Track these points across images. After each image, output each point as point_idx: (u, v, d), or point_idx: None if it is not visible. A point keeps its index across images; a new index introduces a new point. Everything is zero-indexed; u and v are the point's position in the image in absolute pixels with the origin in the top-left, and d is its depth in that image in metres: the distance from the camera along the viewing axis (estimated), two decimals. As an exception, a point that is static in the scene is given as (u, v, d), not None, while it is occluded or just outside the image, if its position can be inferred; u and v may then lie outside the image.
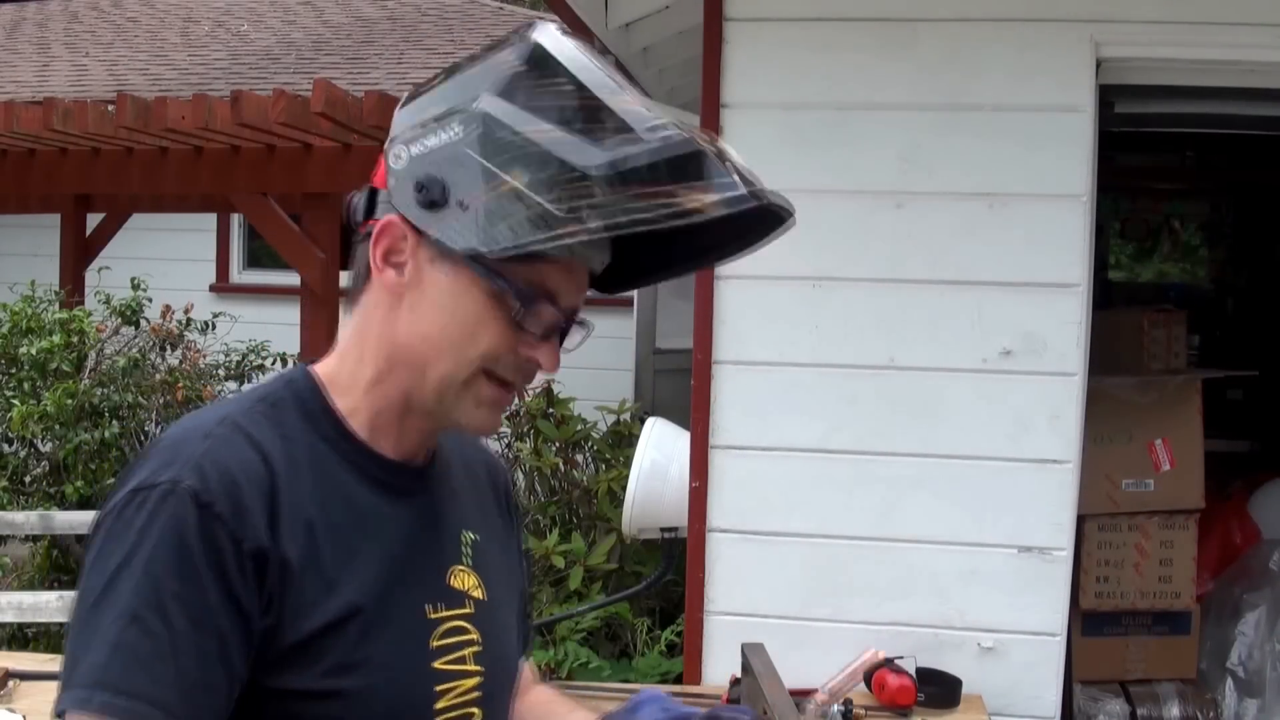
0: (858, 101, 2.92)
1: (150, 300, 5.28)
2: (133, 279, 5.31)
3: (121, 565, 1.02)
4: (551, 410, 4.81)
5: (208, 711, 1.04)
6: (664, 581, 3.77)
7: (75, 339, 4.89)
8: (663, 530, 3.42)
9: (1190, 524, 3.56)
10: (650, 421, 3.51)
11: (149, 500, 1.04)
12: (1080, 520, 3.16)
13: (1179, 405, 3.59)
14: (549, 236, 1.04)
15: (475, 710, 1.21)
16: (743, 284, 2.97)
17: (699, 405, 2.99)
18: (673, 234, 1.10)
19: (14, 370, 4.89)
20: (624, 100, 1.07)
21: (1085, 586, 3.52)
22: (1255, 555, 3.89)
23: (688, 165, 1.04)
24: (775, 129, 2.95)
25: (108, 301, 5.22)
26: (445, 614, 1.20)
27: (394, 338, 1.15)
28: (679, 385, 4.14)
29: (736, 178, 1.05)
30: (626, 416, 4.96)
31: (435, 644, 1.18)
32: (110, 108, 4.70)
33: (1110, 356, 3.58)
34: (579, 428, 4.79)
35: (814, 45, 2.94)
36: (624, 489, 3.49)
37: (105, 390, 4.77)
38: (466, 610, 1.22)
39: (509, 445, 4.91)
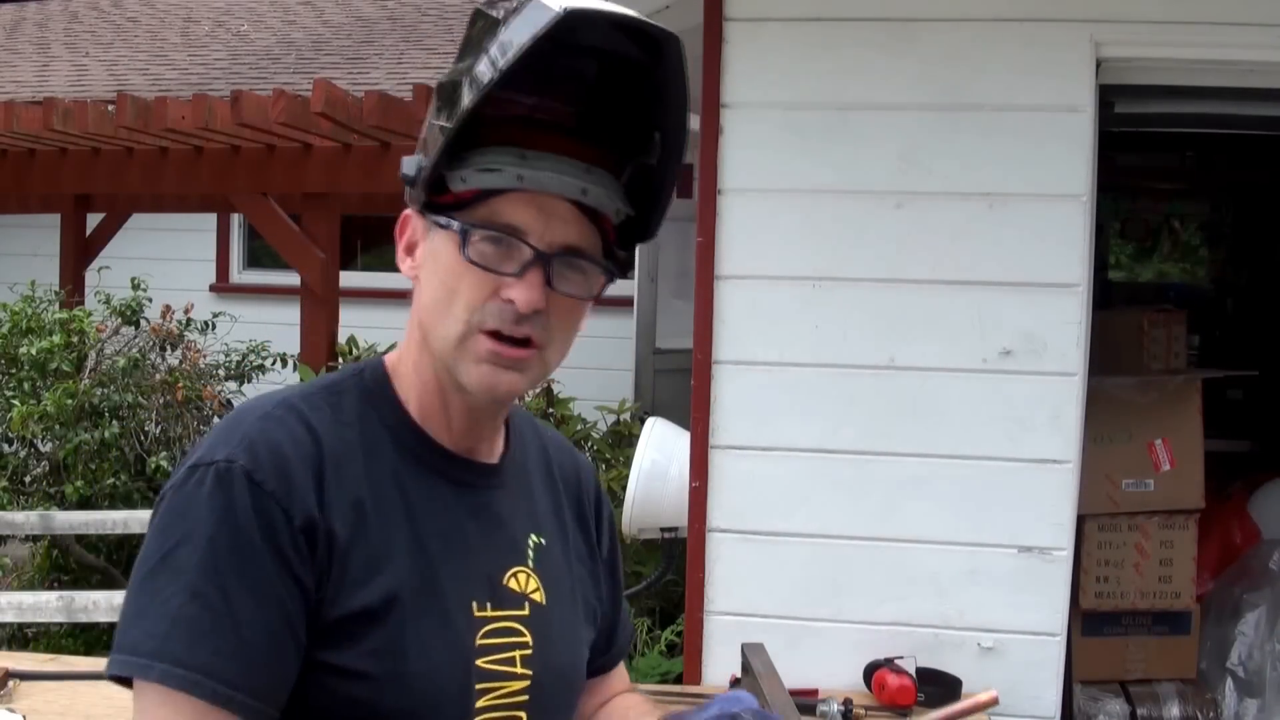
0: (858, 101, 2.92)
1: (150, 300, 5.28)
2: (133, 279, 5.30)
3: (181, 540, 1.05)
4: (551, 410, 4.81)
5: (279, 680, 1.06)
6: (664, 581, 3.77)
7: (75, 339, 4.89)
8: (663, 530, 3.42)
9: (1190, 524, 3.56)
10: (650, 421, 3.51)
11: (206, 477, 1.07)
12: (1080, 520, 3.16)
13: (1179, 405, 3.59)
14: (446, 129, 1.09)
15: (521, 714, 1.20)
16: (743, 284, 2.97)
17: (699, 405, 2.99)
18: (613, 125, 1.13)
19: (14, 370, 4.89)
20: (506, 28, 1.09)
21: (1085, 586, 3.52)
22: (1255, 555, 3.89)
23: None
24: (775, 129, 2.95)
25: (108, 301, 5.22)
26: (496, 613, 1.19)
27: (417, 318, 1.19)
28: (679, 385, 4.14)
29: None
30: (626, 416, 4.96)
31: (480, 642, 1.17)
32: (110, 108, 4.70)
33: (1110, 356, 3.58)
34: (579, 428, 4.79)
35: (814, 45, 2.94)
36: (624, 489, 3.49)
37: (105, 390, 4.77)
38: (522, 612, 1.21)
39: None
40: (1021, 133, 2.85)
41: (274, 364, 5.47)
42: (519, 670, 1.20)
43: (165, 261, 7.17)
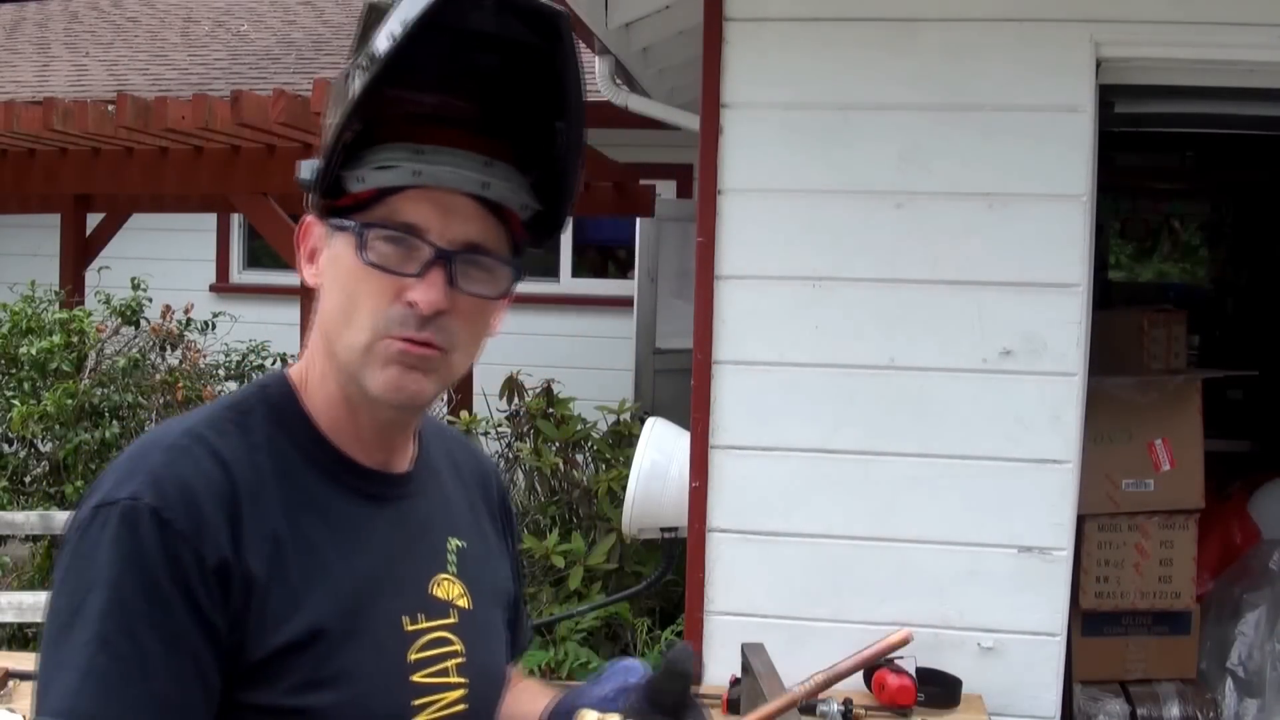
0: (858, 101, 2.92)
1: (150, 300, 5.27)
2: (133, 279, 5.30)
3: (89, 587, 1.00)
4: (551, 410, 4.80)
5: None
6: (664, 581, 3.77)
7: (75, 339, 4.88)
8: (663, 530, 3.42)
9: (1190, 524, 3.56)
10: (650, 421, 3.51)
11: (110, 518, 1.01)
12: (1080, 520, 3.16)
13: (1179, 405, 3.59)
14: (335, 124, 1.06)
15: None
16: (743, 284, 2.97)
17: (699, 405, 2.99)
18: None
19: (14, 370, 4.89)
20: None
21: (1085, 586, 3.52)
22: (1255, 555, 3.89)
23: None
24: (775, 129, 2.95)
25: (108, 301, 5.22)
26: (426, 625, 1.16)
27: (321, 328, 1.14)
28: (679, 385, 4.14)
29: None
30: (626, 416, 4.96)
31: (414, 657, 1.14)
32: (110, 108, 4.69)
33: (1110, 356, 3.58)
34: (579, 428, 4.78)
35: (814, 45, 2.94)
36: (624, 489, 3.49)
37: (105, 390, 4.76)
38: (450, 620, 1.19)
39: (509, 445, 4.91)
40: (1021, 133, 2.85)
41: (274, 364, 5.47)
42: (455, 680, 1.17)
43: (165, 261, 7.17)
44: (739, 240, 2.96)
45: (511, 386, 4.98)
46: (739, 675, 2.21)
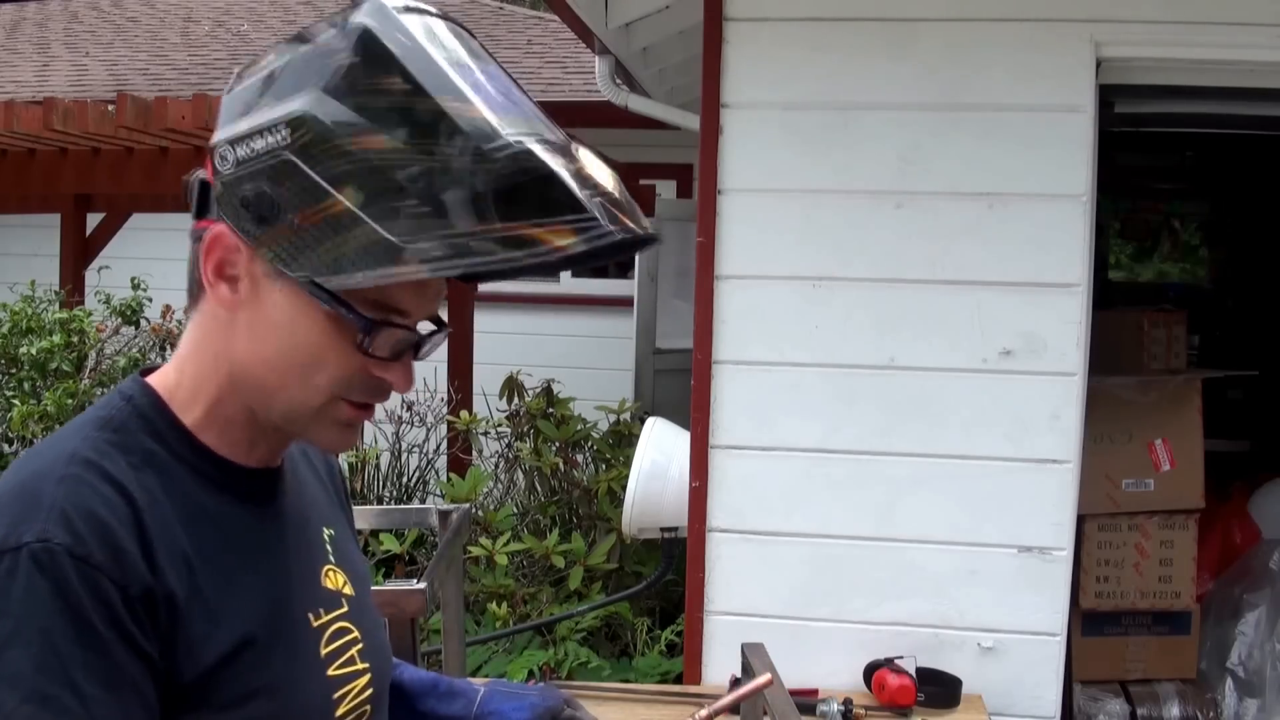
0: (858, 101, 2.92)
1: (150, 300, 5.27)
2: (133, 279, 5.30)
3: (7, 641, 0.92)
4: (551, 410, 4.81)
5: None
6: (664, 581, 3.78)
7: (75, 339, 4.88)
8: (663, 530, 3.42)
9: (1190, 524, 3.56)
10: (650, 421, 3.51)
11: (19, 564, 0.94)
12: (1080, 520, 3.16)
13: (1179, 405, 3.59)
14: (390, 273, 0.94)
15: (368, 708, 1.18)
16: (743, 284, 2.97)
17: (699, 405, 2.99)
18: None
19: (14, 370, 4.89)
20: (468, 106, 0.94)
21: (1085, 586, 3.52)
22: (1255, 555, 3.89)
23: (542, 193, 0.93)
24: (775, 129, 2.95)
25: (108, 301, 5.22)
26: (328, 618, 1.15)
27: (233, 357, 1.06)
28: (679, 385, 4.14)
29: (598, 206, 0.93)
30: (626, 416, 4.96)
31: (325, 651, 1.14)
32: (110, 108, 4.70)
33: (1110, 356, 3.58)
34: (579, 428, 4.79)
35: (814, 45, 2.94)
36: (624, 489, 3.49)
37: (105, 390, 4.76)
38: (344, 609, 1.18)
39: (509, 445, 4.91)
40: (1021, 133, 2.85)
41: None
42: (360, 665, 1.18)
43: (165, 261, 7.12)
44: (739, 240, 2.96)
45: (511, 386, 4.98)
46: (739, 675, 2.21)
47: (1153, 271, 7.60)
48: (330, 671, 1.14)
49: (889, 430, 2.93)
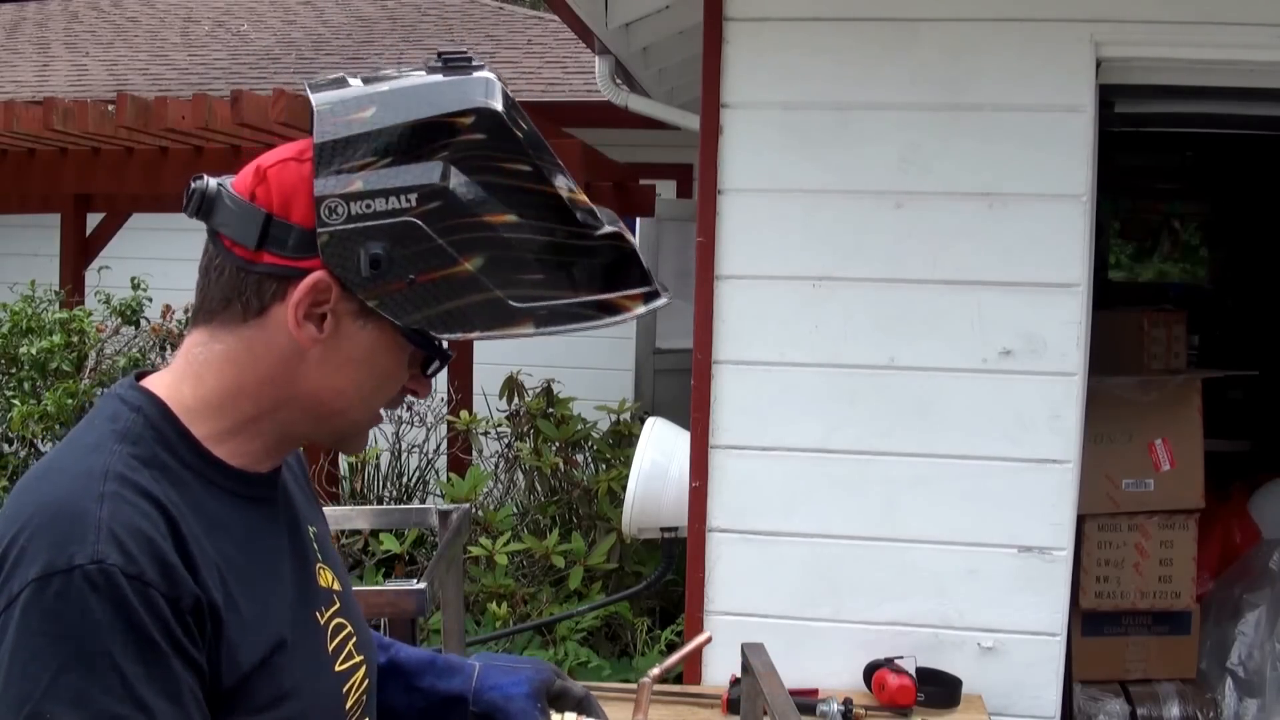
0: (858, 101, 2.92)
1: (150, 300, 5.27)
2: (133, 279, 5.30)
3: (63, 668, 0.94)
4: (551, 410, 4.81)
5: None
6: (664, 581, 3.78)
7: (75, 339, 4.88)
8: (663, 530, 3.42)
9: (1190, 524, 3.56)
10: (650, 421, 3.51)
11: (71, 586, 0.95)
12: (1080, 520, 3.16)
13: (1179, 405, 3.59)
14: (505, 333, 1.07)
15: (364, 698, 1.23)
16: (743, 284, 2.97)
17: (699, 405, 2.99)
18: None
19: (14, 370, 4.89)
20: (574, 193, 1.10)
21: (1085, 586, 3.52)
22: (1255, 555, 3.89)
23: (621, 269, 1.12)
24: (775, 129, 2.95)
25: (108, 301, 5.22)
26: (328, 614, 1.20)
27: (294, 386, 1.10)
28: (679, 385, 4.14)
29: (649, 276, 1.14)
30: (626, 416, 4.96)
31: (331, 647, 1.18)
32: (110, 108, 4.69)
33: (1110, 356, 3.58)
34: (579, 428, 4.79)
35: (814, 45, 2.94)
36: (624, 489, 3.49)
37: (106, 390, 4.76)
38: (337, 605, 1.23)
39: (509, 445, 4.91)
40: (1021, 133, 2.85)
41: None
42: (357, 659, 1.22)
43: (165, 261, 7.13)
44: (739, 240, 2.96)
45: (511, 386, 4.98)
46: (739, 675, 2.21)
47: (1153, 271, 7.60)
48: (337, 666, 1.18)
49: (889, 430, 2.93)
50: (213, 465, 1.11)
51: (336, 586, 1.25)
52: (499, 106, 1.06)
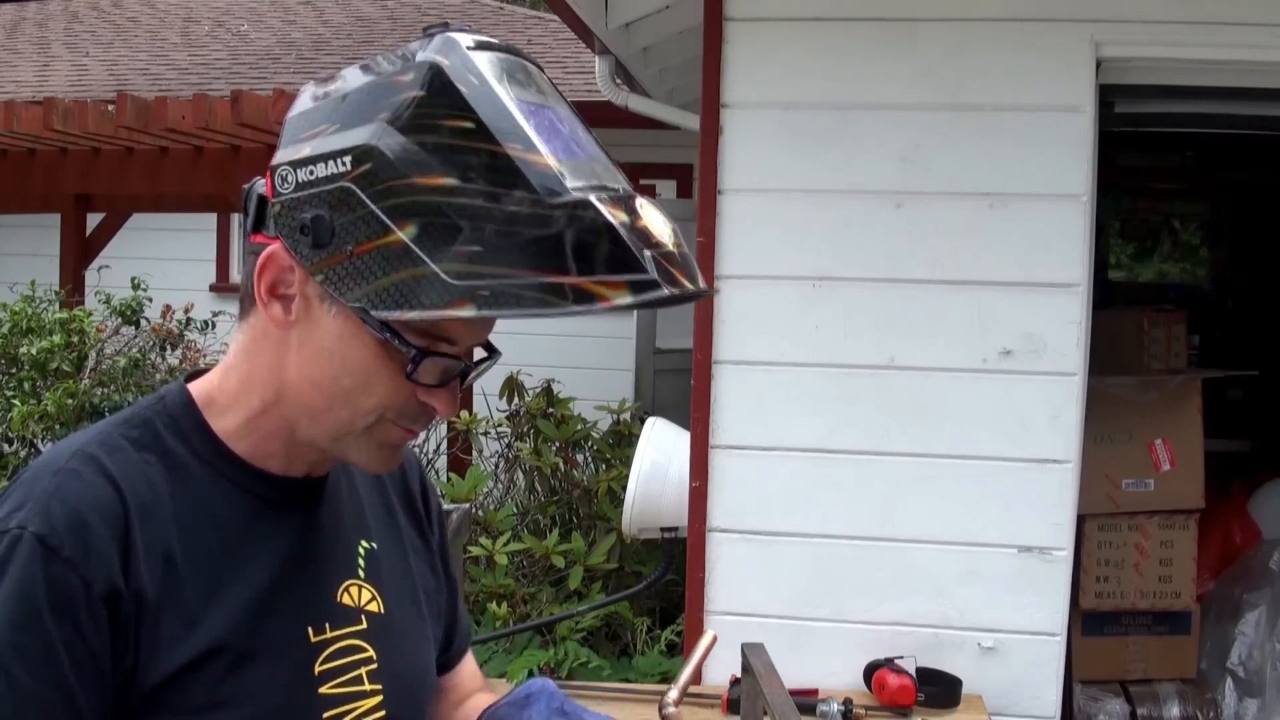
0: (858, 101, 2.92)
1: (150, 300, 5.28)
2: (133, 279, 5.30)
3: None
4: (551, 410, 4.81)
5: None
6: (664, 581, 3.78)
7: (75, 339, 4.88)
8: (663, 530, 3.42)
9: (1190, 524, 3.56)
10: (650, 421, 3.51)
11: (0, 546, 0.98)
12: (1080, 520, 3.16)
13: (1179, 405, 3.59)
14: (441, 314, 0.94)
15: None
16: (743, 284, 2.97)
17: (699, 405, 2.99)
18: None
19: (14, 370, 4.89)
20: (533, 154, 0.95)
21: (1085, 586, 3.52)
22: (1255, 555, 3.89)
23: (598, 246, 0.92)
24: (775, 129, 2.95)
25: (108, 301, 5.22)
26: (333, 634, 1.13)
27: (283, 375, 1.07)
28: (679, 385, 4.14)
29: (653, 261, 0.94)
30: (626, 416, 4.96)
31: (321, 668, 1.11)
32: (110, 108, 4.70)
33: (1110, 356, 3.58)
34: (579, 428, 4.79)
35: (814, 45, 2.94)
36: (624, 489, 3.49)
37: (105, 390, 4.76)
38: (359, 627, 1.15)
39: (509, 445, 4.91)
40: (1022, 133, 2.85)
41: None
42: (369, 687, 1.15)
43: (165, 261, 7.17)
44: (739, 240, 2.96)
45: (511, 386, 4.98)
46: (739, 675, 2.21)
47: (1153, 271, 7.60)
48: (323, 689, 1.11)
49: (889, 430, 2.93)
50: (226, 458, 1.09)
51: (373, 608, 1.17)
52: (445, 61, 0.96)
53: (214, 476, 1.08)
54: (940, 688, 2.84)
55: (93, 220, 6.64)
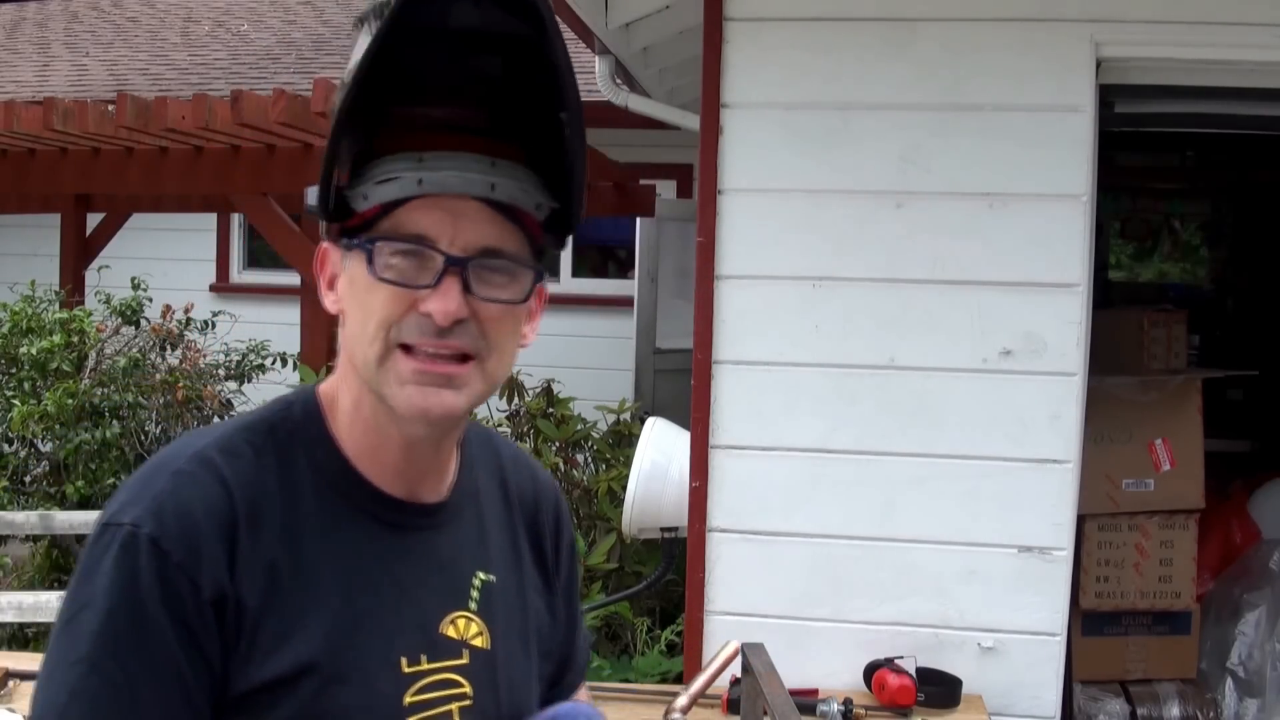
0: (858, 101, 2.92)
1: (150, 300, 5.28)
2: (133, 279, 5.31)
3: (86, 605, 1.01)
4: (551, 410, 4.80)
5: None
6: (664, 581, 3.78)
7: (75, 339, 4.88)
8: (663, 530, 3.42)
9: (1190, 524, 3.56)
10: (650, 421, 3.51)
11: (113, 542, 1.02)
12: (1080, 520, 3.16)
13: (1179, 405, 3.59)
14: (327, 143, 1.05)
15: None
16: (743, 284, 2.97)
17: (699, 405, 2.99)
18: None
19: (14, 370, 4.89)
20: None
21: (1085, 586, 3.52)
22: (1255, 555, 3.89)
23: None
24: (775, 129, 2.95)
25: (108, 301, 5.22)
26: (429, 666, 1.12)
27: (343, 352, 1.13)
28: (679, 385, 4.14)
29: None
30: (626, 416, 4.96)
31: (411, 700, 1.10)
32: (110, 108, 4.69)
33: (1110, 356, 3.58)
34: (579, 428, 4.79)
35: (814, 45, 2.94)
36: (624, 489, 3.49)
37: (105, 390, 4.76)
38: (460, 661, 1.14)
39: (509, 445, 4.90)
40: (1021, 133, 2.85)
41: (274, 364, 5.48)
42: None
43: (165, 261, 7.17)
44: (739, 240, 2.96)
45: (511, 386, 4.98)
46: (739, 675, 2.21)
47: (1153, 271, 7.60)
48: (412, 718, 1.10)
49: (889, 430, 2.93)
50: (346, 476, 1.11)
51: (478, 643, 1.16)
52: None
53: (330, 491, 1.09)
54: (940, 688, 2.83)
55: (93, 220, 6.64)
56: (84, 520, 4.32)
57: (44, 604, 3.61)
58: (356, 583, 1.09)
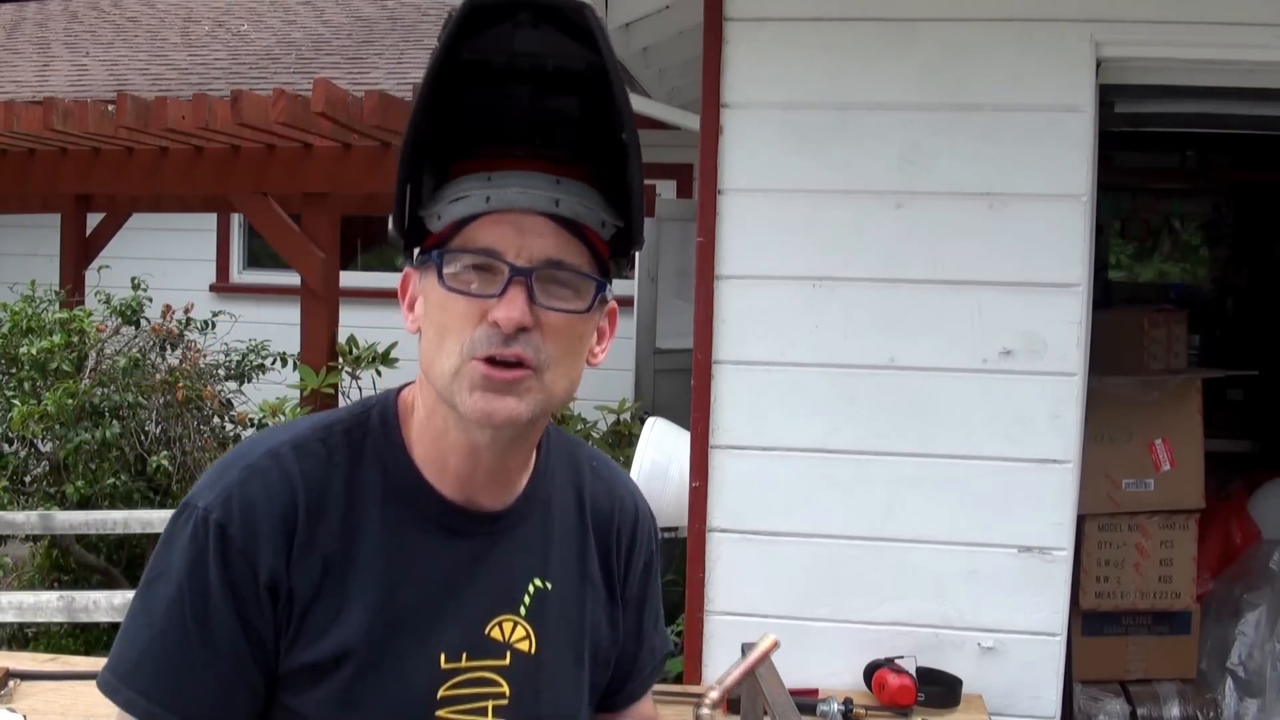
0: (858, 101, 2.92)
1: (150, 300, 5.28)
2: (133, 279, 5.31)
3: (163, 574, 1.14)
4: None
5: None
6: (664, 581, 3.77)
7: (75, 339, 4.88)
8: (663, 530, 3.42)
9: (1190, 524, 3.56)
10: (650, 421, 3.51)
11: (190, 521, 1.13)
12: (1080, 520, 3.16)
13: (1179, 405, 3.59)
14: (401, 171, 1.11)
15: None
16: (743, 284, 2.97)
17: (699, 405, 2.99)
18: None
19: (14, 370, 4.89)
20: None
21: (1085, 586, 3.52)
22: (1255, 555, 3.89)
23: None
24: (775, 129, 2.95)
25: (108, 301, 5.22)
26: (468, 664, 1.18)
27: (421, 364, 1.18)
28: (679, 385, 4.14)
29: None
30: (626, 416, 4.96)
31: (445, 693, 1.17)
32: (110, 108, 4.69)
33: (1110, 356, 3.58)
34: (579, 427, 4.79)
35: (814, 45, 2.94)
36: (624, 489, 3.48)
37: (105, 390, 4.76)
38: (500, 662, 1.20)
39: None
40: (1021, 133, 2.85)
41: (274, 364, 5.48)
42: None
43: (165, 261, 7.18)
44: (739, 240, 2.96)
45: (511, 386, 4.97)
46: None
47: (1153, 271, 7.61)
48: (442, 713, 1.17)
49: (889, 430, 2.93)
50: (413, 484, 1.18)
51: (523, 647, 1.21)
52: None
53: (393, 495, 1.17)
54: (940, 688, 2.84)
55: (93, 220, 6.64)
56: (83, 520, 4.32)
57: (44, 604, 3.61)
58: (405, 580, 1.16)
